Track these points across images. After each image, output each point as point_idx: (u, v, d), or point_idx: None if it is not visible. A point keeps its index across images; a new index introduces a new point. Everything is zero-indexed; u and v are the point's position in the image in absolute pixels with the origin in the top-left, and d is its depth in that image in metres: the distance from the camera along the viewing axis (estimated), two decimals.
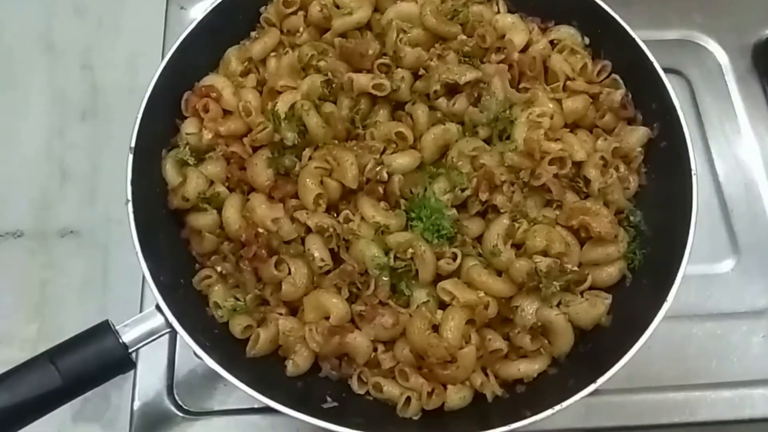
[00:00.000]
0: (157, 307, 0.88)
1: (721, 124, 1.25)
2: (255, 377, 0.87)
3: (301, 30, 1.07)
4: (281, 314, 0.94)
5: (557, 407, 0.84)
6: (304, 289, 0.93)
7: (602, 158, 0.99)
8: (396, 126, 0.99)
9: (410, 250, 0.92)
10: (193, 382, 1.05)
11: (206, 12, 1.05)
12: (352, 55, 1.01)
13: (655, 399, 1.05)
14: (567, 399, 0.84)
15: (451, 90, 1.01)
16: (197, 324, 0.91)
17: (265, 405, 0.84)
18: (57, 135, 1.26)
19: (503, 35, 1.05)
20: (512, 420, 0.84)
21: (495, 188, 0.95)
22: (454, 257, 0.93)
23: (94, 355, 0.84)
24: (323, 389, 0.93)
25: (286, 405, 0.84)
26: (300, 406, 0.85)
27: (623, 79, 1.06)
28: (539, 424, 0.84)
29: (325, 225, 0.93)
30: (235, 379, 0.85)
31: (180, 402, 1.04)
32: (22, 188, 1.22)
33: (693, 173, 0.96)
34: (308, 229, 0.94)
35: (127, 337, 0.86)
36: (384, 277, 0.92)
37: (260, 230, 0.94)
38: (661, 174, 1.02)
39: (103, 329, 0.86)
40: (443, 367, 0.89)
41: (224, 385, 1.04)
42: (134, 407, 1.03)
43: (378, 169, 0.95)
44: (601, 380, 0.85)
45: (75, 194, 1.21)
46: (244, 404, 1.03)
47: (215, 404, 1.04)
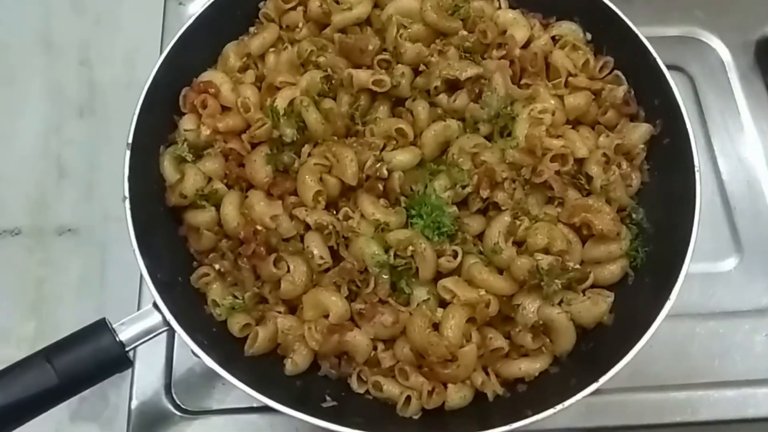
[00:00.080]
0: (155, 305, 0.87)
1: (723, 121, 1.25)
2: (253, 376, 0.86)
3: (301, 25, 1.07)
4: (280, 312, 0.94)
5: (559, 407, 0.84)
6: (303, 287, 0.93)
7: (604, 155, 0.99)
8: (396, 122, 0.99)
9: (410, 248, 0.91)
10: (191, 381, 1.04)
11: (204, 7, 1.05)
12: (351, 51, 1.01)
13: (657, 398, 1.05)
14: (569, 398, 0.84)
15: (452, 86, 1.01)
16: (195, 322, 0.91)
17: (263, 404, 0.84)
18: (54, 132, 1.25)
19: (504, 31, 1.05)
20: (513, 419, 0.83)
21: (496, 185, 0.95)
22: (455, 255, 0.93)
23: (90, 353, 0.84)
24: (322, 388, 0.92)
25: (284, 404, 0.84)
26: (299, 405, 0.84)
27: (625, 76, 1.05)
28: (540, 423, 0.83)
29: (324, 222, 0.93)
30: (233, 378, 0.84)
31: (178, 401, 1.03)
32: (19, 185, 1.21)
33: (696, 170, 0.95)
34: (307, 227, 0.94)
35: (124, 336, 0.86)
36: (384, 275, 0.92)
37: (259, 227, 0.93)
38: (663, 171, 1.02)
39: (100, 327, 0.86)
40: (444, 366, 0.89)
41: (222, 384, 1.04)
42: (132, 406, 1.03)
43: (378, 165, 0.94)
44: (603, 379, 0.85)
45: (72, 192, 1.21)
46: (243, 403, 1.02)
47: (213, 403, 1.03)
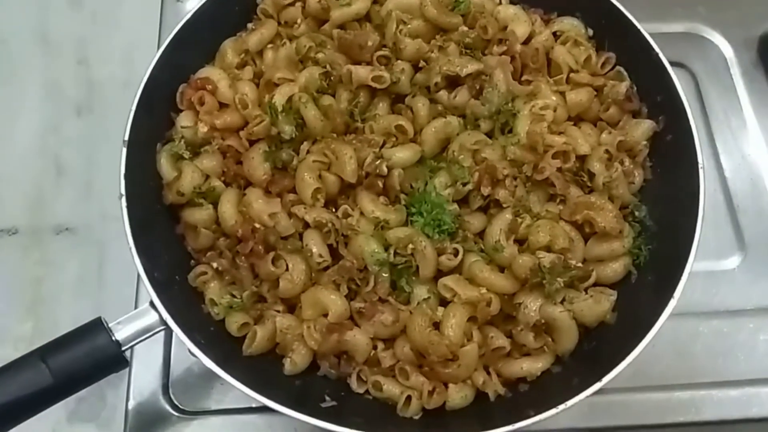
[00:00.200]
0: (151, 304, 0.87)
1: (726, 118, 1.25)
2: (252, 376, 0.86)
3: (299, 21, 1.07)
4: (278, 311, 0.94)
5: (561, 406, 0.83)
6: (302, 286, 0.93)
7: (607, 152, 0.98)
8: (396, 119, 0.98)
9: (410, 246, 0.91)
10: (189, 381, 1.04)
11: (202, 3, 1.05)
12: (350, 47, 1.00)
13: (660, 398, 1.04)
14: (571, 398, 0.84)
15: (452, 82, 1.00)
16: (193, 321, 0.90)
17: (262, 404, 0.83)
18: (52, 130, 1.25)
19: (505, 27, 1.05)
20: (515, 419, 0.83)
21: (497, 183, 0.95)
22: (456, 253, 0.92)
23: (86, 353, 0.83)
24: (322, 388, 0.92)
25: (283, 404, 0.83)
26: (298, 405, 0.84)
27: (628, 72, 1.05)
28: (542, 423, 0.83)
29: (323, 220, 0.92)
30: (231, 378, 0.84)
31: (176, 401, 1.03)
32: (16, 184, 1.21)
33: (700, 167, 0.95)
34: (306, 225, 0.94)
35: (121, 335, 0.85)
36: (384, 274, 0.91)
37: (257, 225, 0.93)
38: (666, 168, 1.01)
39: (96, 327, 0.85)
40: (444, 366, 0.88)
41: (221, 384, 1.03)
42: (129, 407, 1.02)
43: (377, 163, 0.94)
44: (606, 379, 0.84)
45: (70, 190, 1.21)
46: (241, 403, 1.02)
47: (212, 403, 1.03)
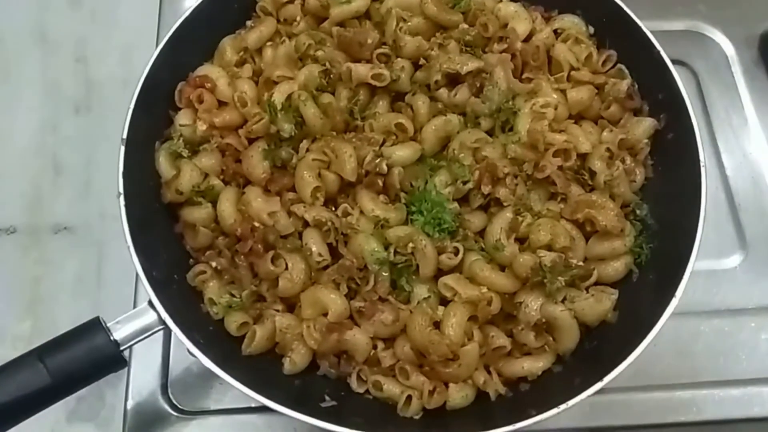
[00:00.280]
0: (150, 304, 0.87)
1: (727, 116, 1.25)
2: (251, 376, 0.86)
3: (298, 19, 1.07)
4: (278, 311, 0.93)
5: (563, 406, 0.83)
6: (301, 285, 0.92)
7: (608, 150, 0.98)
8: (396, 117, 0.98)
9: (411, 245, 0.91)
10: (188, 381, 1.04)
11: (201, 1, 1.04)
12: (350, 45, 1.00)
13: (662, 397, 1.04)
14: (573, 398, 0.83)
15: (453, 80, 1.00)
16: (192, 321, 0.90)
17: (261, 404, 0.83)
18: (50, 129, 1.25)
19: (506, 24, 1.05)
20: (516, 419, 0.82)
21: (498, 181, 0.94)
22: (456, 252, 0.92)
23: (84, 352, 0.83)
24: (321, 388, 0.91)
25: (283, 404, 0.83)
26: (297, 405, 0.84)
27: (629, 69, 1.05)
28: (543, 423, 0.83)
29: (323, 219, 0.92)
30: (230, 377, 0.84)
31: (175, 401, 1.03)
32: (14, 183, 1.21)
33: (702, 165, 0.95)
34: (306, 223, 0.93)
35: (119, 335, 0.85)
36: (384, 273, 0.91)
37: (256, 224, 0.93)
38: (668, 166, 1.01)
39: (94, 326, 0.85)
40: (445, 365, 0.88)
41: (220, 384, 1.03)
42: (128, 406, 1.02)
43: (377, 161, 0.93)
44: (607, 378, 0.84)
45: (68, 189, 1.20)
46: (241, 403, 1.02)
47: (211, 403, 1.03)
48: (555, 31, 1.07)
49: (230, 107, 1.00)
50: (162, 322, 0.86)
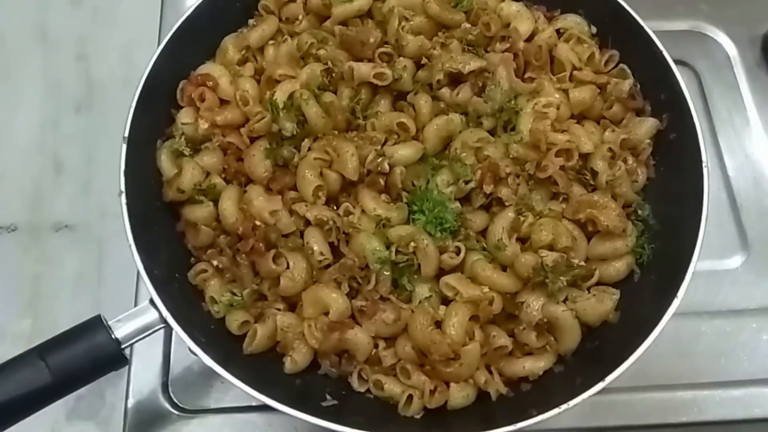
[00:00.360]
0: (151, 302, 0.87)
1: (729, 116, 1.24)
2: (252, 374, 0.85)
3: (301, 18, 1.07)
4: (279, 309, 0.93)
5: (564, 406, 0.83)
6: (302, 284, 0.92)
7: (610, 150, 0.98)
8: (398, 116, 0.98)
9: (412, 244, 0.90)
10: (188, 380, 1.04)
11: None
12: (352, 44, 1.00)
13: (663, 398, 1.04)
14: (574, 398, 0.83)
15: (455, 80, 1.00)
16: (193, 319, 0.90)
17: (262, 403, 0.83)
18: (51, 127, 1.25)
19: (508, 23, 1.04)
20: (517, 419, 0.82)
21: (500, 180, 0.94)
22: (458, 251, 0.92)
23: (85, 350, 0.83)
24: (322, 387, 0.91)
25: (284, 403, 0.83)
26: (298, 404, 0.83)
27: (631, 69, 1.05)
28: (544, 423, 0.82)
29: (324, 218, 0.92)
30: (231, 376, 0.83)
31: (175, 400, 1.03)
32: (15, 181, 1.21)
33: (704, 165, 0.95)
34: (307, 222, 0.93)
35: (120, 333, 0.85)
36: (385, 272, 0.91)
37: (258, 223, 0.92)
38: (670, 166, 1.01)
39: (95, 324, 0.85)
40: (446, 365, 0.88)
41: (221, 383, 1.03)
42: (128, 405, 1.02)
43: (379, 160, 0.93)
44: (609, 378, 0.84)
45: (69, 188, 1.20)
46: (241, 402, 1.02)
47: (211, 402, 1.03)
48: (557, 31, 1.06)
49: (232, 106, 1.00)
50: (163, 320, 0.86)
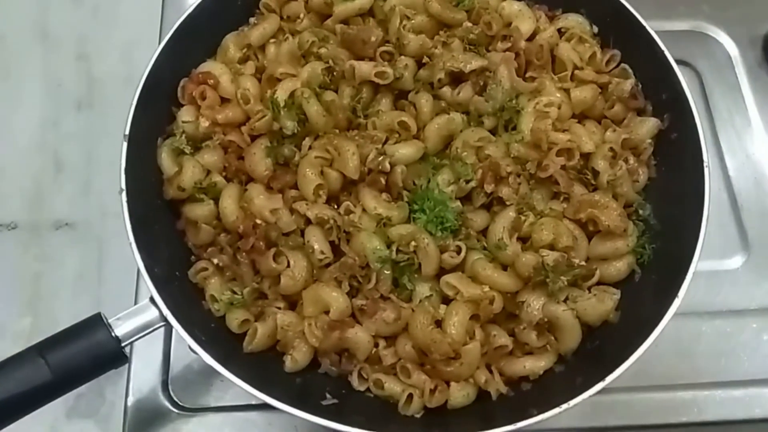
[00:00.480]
0: (152, 300, 0.87)
1: (731, 117, 1.24)
2: (252, 373, 0.85)
3: (302, 16, 1.07)
4: (280, 308, 0.93)
5: (564, 406, 0.83)
6: (303, 283, 0.92)
7: (611, 150, 0.98)
8: (399, 115, 0.98)
9: (413, 243, 0.90)
10: (188, 378, 1.03)
11: None
12: (354, 42, 1.00)
13: (663, 398, 1.04)
14: (575, 397, 0.83)
15: (456, 79, 0.99)
16: (193, 318, 0.90)
17: (262, 402, 0.83)
18: (51, 126, 1.25)
19: (509, 23, 1.04)
20: (517, 419, 0.82)
21: (500, 180, 0.94)
22: (458, 250, 0.92)
23: (85, 348, 0.83)
24: (322, 386, 0.91)
25: (284, 402, 0.83)
26: (298, 402, 0.83)
27: (632, 69, 1.04)
28: (544, 423, 0.82)
29: (325, 216, 0.92)
30: (231, 374, 0.83)
31: (175, 398, 1.03)
32: (15, 180, 1.21)
33: (705, 165, 0.95)
34: (308, 221, 0.93)
35: (120, 331, 0.85)
36: (386, 271, 0.91)
37: (258, 221, 0.92)
38: (671, 166, 1.01)
39: (95, 322, 0.85)
40: (446, 364, 0.88)
41: (221, 381, 1.03)
42: (128, 403, 1.02)
43: (380, 159, 0.93)
44: (609, 378, 0.84)
45: (70, 186, 1.20)
46: (241, 401, 1.02)
47: (211, 400, 1.02)
48: (559, 30, 1.06)
49: (233, 104, 1.00)
50: (163, 318, 0.86)
